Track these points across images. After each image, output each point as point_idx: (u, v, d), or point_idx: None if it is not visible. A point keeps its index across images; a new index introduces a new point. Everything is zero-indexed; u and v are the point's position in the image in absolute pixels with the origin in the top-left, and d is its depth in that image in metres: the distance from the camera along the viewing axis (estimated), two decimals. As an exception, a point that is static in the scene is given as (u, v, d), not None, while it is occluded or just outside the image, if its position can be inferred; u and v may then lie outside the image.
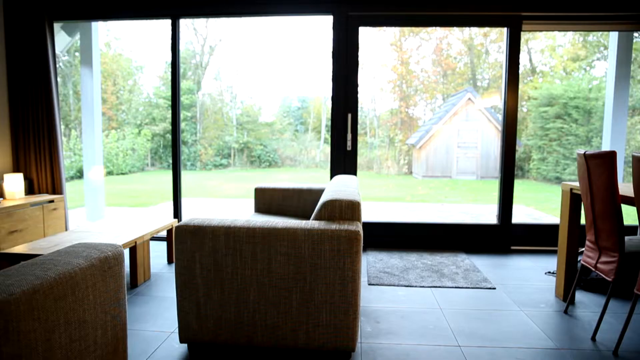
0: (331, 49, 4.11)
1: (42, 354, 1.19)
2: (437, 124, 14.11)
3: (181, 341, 2.14)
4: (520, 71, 4.05)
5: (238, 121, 16.59)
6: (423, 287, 3.15)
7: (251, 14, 4.17)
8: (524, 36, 13.83)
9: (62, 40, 5.01)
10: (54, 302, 1.23)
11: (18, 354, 1.11)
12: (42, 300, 1.18)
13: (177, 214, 4.39)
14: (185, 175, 3.96)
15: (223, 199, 11.24)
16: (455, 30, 15.13)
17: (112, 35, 15.99)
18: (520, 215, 8.55)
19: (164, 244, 4.31)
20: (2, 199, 3.85)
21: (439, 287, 3.15)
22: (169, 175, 14.61)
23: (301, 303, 2.00)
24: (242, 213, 8.75)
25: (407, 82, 15.75)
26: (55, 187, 4.32)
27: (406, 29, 14.81)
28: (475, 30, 15.00)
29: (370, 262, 3.72)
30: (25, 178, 4.27)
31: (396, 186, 13.62)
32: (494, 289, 3.13)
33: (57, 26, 4.54)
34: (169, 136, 15.69)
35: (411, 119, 15.95)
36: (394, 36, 15.36)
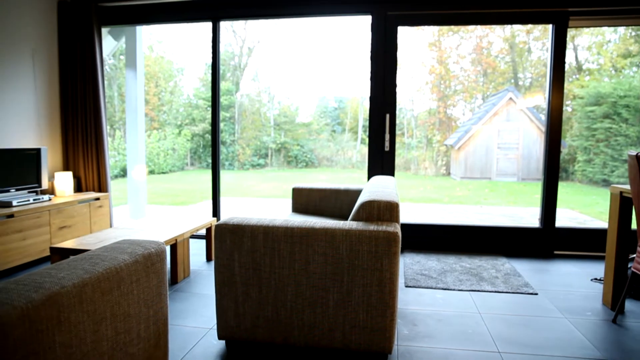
0: (369, 49, 4.10)
1: (90, 344, 1.24)
2: (477, 125, 13.81)
3: (219, 338, 2.18)
4: (565, 69, 3.91)
5: (275, 121, 16.76)
6: (461, 290, 3.09)
7: (290, 15, 4.20)
8: (570, 33, 13.36)
9: (109, 44, 5.20)
10: (101, 295, 1.28)
11: (69, 344, 1.16)
12: (90, 294, 1.23)
13: (215, 212, 4.48)
14: (223, 175, 4.03)
15: (260, 199, 11.38)
16: (497, 28, 14.77)
17: (154, 39, 16.49)
18: (564, 218, 8.26)
19: (203, 242, 4.41)
20: (53, 196, 4.03)
21: (478, 291, 3.08)
22: (207, 174, 14.92)
23: (338, 303, 2.00)
24: (279, 213, 8.83)
25: (445, 82, 15.49)
26: (101, 186, 4.49)
27: (445, 28, 14.59)
28: (517, 27, 14.60)
29: (407, 264, 3.68)
30: (74, 176, 4.46)
31: (434, 187, 13.41)
32: (536, 294, 3.03)
33: (104, 31, 4.71)
34: (207, 136, 16.03)
35: (449, 119, 15.68)
36: (433, 35, 15.14)
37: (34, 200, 3.67)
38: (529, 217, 8.59)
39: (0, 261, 3.24)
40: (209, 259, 3.82)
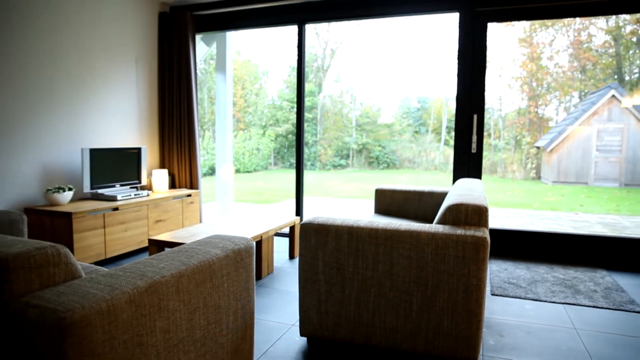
0: (457, 48, 3.97)
1: (185, 331, 1.32)
2: (572, 125, 12.85)
3: (301, 334, 2.22)
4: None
5: (357, 122, 16.78)
6: (554, 302, 2.89)
7: (375, 15, 4.18)
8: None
9: (201, 49, 5.50)
10: (195, 286, 1.35)
11: (167, 329, 1.23)
12: (186, 284, 1.31)
13: (299, 211, 4.57)
14: (306, 175, 4.12)
15: (341, 199, 11.45)
16: (599, 19, 13.62)
17: (242, 43, 17.22)
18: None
19: (286, 240, 4.52)
20: (151, 191, 4.34)
21: (573, 304, 2.86)
22: (289, 174, 15.29)
23: (422, 308, 1.95)
24: (361, 214, 8.83)
25: (537, 80, 14.59)
26: (192, 183, 4.77)
27: (537, 23, 13.72)
28: (624, 16, 13.35)
29: (494, 271, 3.51)
30: (169, 174, 4.78)
31: (522, 192, 12.69)
32: (643, 311, 2.76)
33: (197, 37, 5.00)
34: (290, 137, 16.42)
35: (541, 120, 14.73)
36: (524, 31, 14.31)
37: (135, 195, 3.98)
38: (634, 226, 7.84)
39: (107, 249, 3.56)
40: (291, 256, 3.91)
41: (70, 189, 3.61)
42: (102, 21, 4.04)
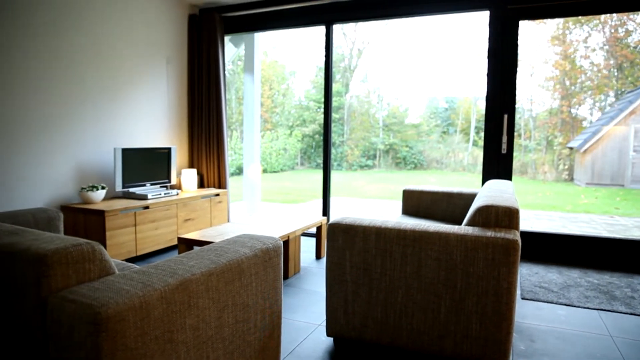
0: (487, 46, 3.90)
1: (214, 329, 1.33)
2: (608, 125, 12.45)
3: (328, 334, 2.22)
4: None
5: (384, 122, 16.69)
6: (588, 308, 2.81)
7: (404, 14, 4.15)
8: None
9: (230, 51, 5.56)
10: (224, 285, 1.37)
11: (197, 327, 1.25)
12: (215, 282, 1.32)
13: (325, 212, 4.58)
14: (332, 175, 4.12)
15: (367, 200, 11.41)
16: (638, 15, 13.16)
17: (269, 44, 17.35)
18: None
19: (312, 240, 4.53)
20: (180, 191, 4.42)
21: (609, 311, 2.77)
22: (316, 174, 15.32)
23: (450, 310, 1.93)
24: (388, 214, 8.77)
25: (571, 79, 14.20)
26: (221, 182, 4.83)
27: (571, 19, 13.36)
28: (661, 15, 12.87)
29: (524, 275, 3.43)
30: (198, 173, 4.86)
31: (554, 194, 12.37)
32: (683, 319, 2.65)
33: (226, 39, 5.06)
34: (317, 137, 16.45)
35: (574, 120, 14.32)
36: (557, 28, 13.94)
37: (165, 194, 4.06)
38: (672, 230, 7.55)
39: (137, 247, 3.64)
40: (318, 256, 3.92)
41: (103, 188, 3.70)
42: (134, 25, 4.14)
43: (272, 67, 17.66)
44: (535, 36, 14.36)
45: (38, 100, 3.38)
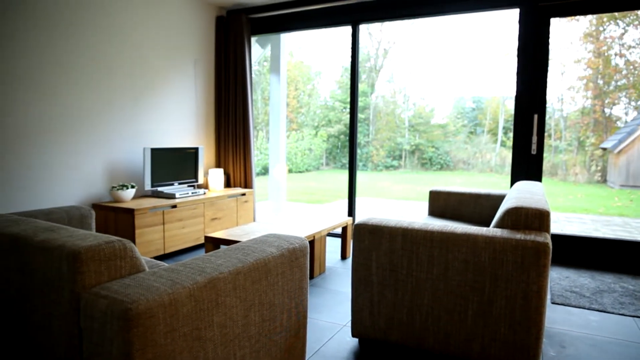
0: (516, 45, 3.82)
1: (241, 327, 1.35)
2: (643, 125, 12.04)
3: (353, 335, 2.22)
4: None
5: (410, 123, 16.55)
6: (623, 315, 2.72)
7: (432, 13, 4.11)
8: None
9: (256, 52, 5.61)
10: (251, 284, 1.38)
11: (224, 324, 1.27)
12: (242, 281, 1.34)
13: (351, 212, 4.57)
14: (357, 176, 4.11)
15: (393, 200, 11.34)
16: (673, 14, 12.68)
17: (295, 45, 17.43)
18: None
19: (337, 240, 4.53)
20: (207, 190, 4.48)
21: (645, 316, 2.68)
22: (341, 174, 15.30)
23: (478, 313, 1.90)
24: (414, 215, 8.70)
25: (605, 77, 13.78)
26: (247, 182, 4.87)
27: (605, 16, 12.95)
28: (700, 12, 12.37)
29: (554, 279, 3.35)
30: (224, 173, 4.92)
31: (585, 196, 12.04)
32: None
33: (252, 40, 5.11)
34: (343, 137, 16.42)
35: (608, 119, 13.90)
36: (590, 24, 13.55)
37: (192, 193, 4.12)
38: None
39: (165, 245, 3.71)
40: (343, 257, 3.91)
41: (132, 187, 3.78)
42: (163, 27, 4.22)
43: (297, 67, 17.73)
44: (567, 33, 13.99)
45: (71, 102, 3.48)
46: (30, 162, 3.25)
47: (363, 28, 17.07)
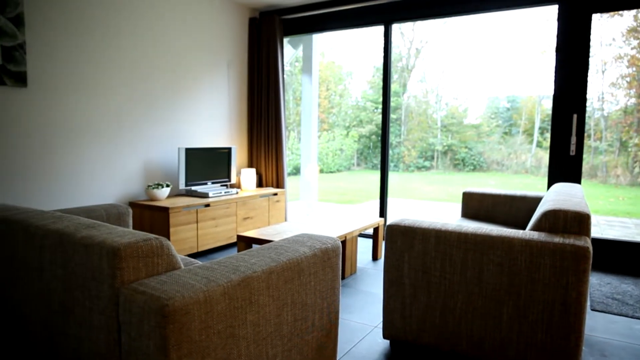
0: (554, 42, 3.72)
1: (274, 326, 1.36)
2: (690, 126, 11.48)
3: (384, 337, 2.20)
4: None
5: (442, 123, 16.31)
6: (668, 322, 2.61)
7: (467, 12, 4.03)
8: None
9: (288, 52, 5.65)
10: (284, 283, 1.39)
11: (257, 323, 1.28)
12: (275, 280, 1.35)
13: (383, 213, 4.54)
14: (389, 176, 4.08)
15: (424, 201, 11.20)
16: None
17: (326, 45, 17.44)
18: None
19: (368, 241, 4.51)
20: (239, 189, 4.54)
21: (691, 325, 2.56)
22: (372, 175, 15.22)
23: (513, 318, 1.85)
24: (446, 217, 8.58)
25: (650, 75, 13.20)
26: (279, 182, 4.91)
27: (650, 12, 12.42)
28: None
29: (594, 285, 3.24)
30: (256, 173, 4.97)
31: (628, 199, 11.59)
32: None
33: (285, 40, 5.14)
34: (374, 137, 16.34)
35: (652, 119, 13.33)
36: (635, 19, 13.01)
37: (225, 192, 4.18)
38: None
39: (199, 243, 3.78)
40: (374, 258, 3.89)
41: (167, 186, 3.87)
42: (198, 30, 4.30)
43: (329, 67, 17.75)
44: (608, 29, 13.49)
45: (109, 104, 3.59)
46: (73, 161, 3.37)
47: (395, 27, 16.93)
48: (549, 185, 3.75)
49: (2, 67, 2.88)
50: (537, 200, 3.31)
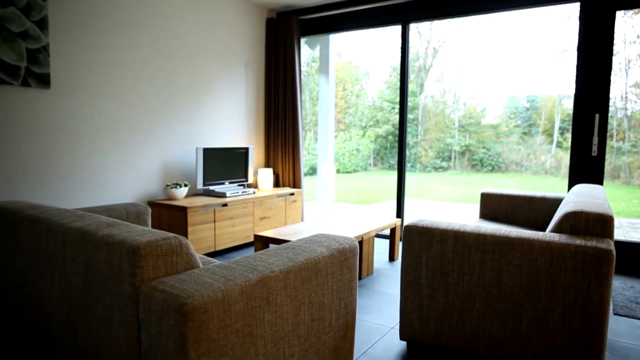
0: (576, 41, 3.65)
1: (291, 326, 1.36)
2: None
3: (401, 338, 2.19)
4: None
5: (460, 123, 16.16)
6: (693, 327, 2.54)
7: (486, 10, 3.99)
8: None
9: (305, 52, 5.66)
10: (301, 283, 1.39)
11: (275, 322, 1.29)
12: (293, 280, 1.35)
13: (400, 213, 4.52)
14: (406, 176, 4.06)
15: (442, 202, 11.11)
16: None
17: (343, 45, 17.43)
18: None
19: (385, 242, 4.49)
20: (256, 189, 4.56)
21: None
22: (389, 175, 15.16)
23: (533, 321, 1.83)
24: (464, 218, 8.50)
25: (675, 74, 12.86)
26: (295, 182, 4.92)
27: (675, 10, 12.11)
28: None
29: (617, 288, 3.17)
30: (273, 173, 4.99)
31: (652, 200, 11.33)
32: None
33: (302, 41, 5.15)
34: (391, 138, 16.27)
35: (677, 119, 13.00)
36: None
37: (242, 192, 4.20)
38: None
39: (216, 242, 3.81)
40: (391, 258, 3.87)
41: (185, 185, 3.91)
42: (216, 30, 4.33)
43: (345, 67, 17.73)
44: (632, 26, 13.20)
45: (129, 105, 3.64)
46: (94, 161, 3.43)
47: (412, 27, 16.83)
48: (570, 186, 3.69)
49: (26, 69, 2.94)
50: (557, 202, 3.26)
